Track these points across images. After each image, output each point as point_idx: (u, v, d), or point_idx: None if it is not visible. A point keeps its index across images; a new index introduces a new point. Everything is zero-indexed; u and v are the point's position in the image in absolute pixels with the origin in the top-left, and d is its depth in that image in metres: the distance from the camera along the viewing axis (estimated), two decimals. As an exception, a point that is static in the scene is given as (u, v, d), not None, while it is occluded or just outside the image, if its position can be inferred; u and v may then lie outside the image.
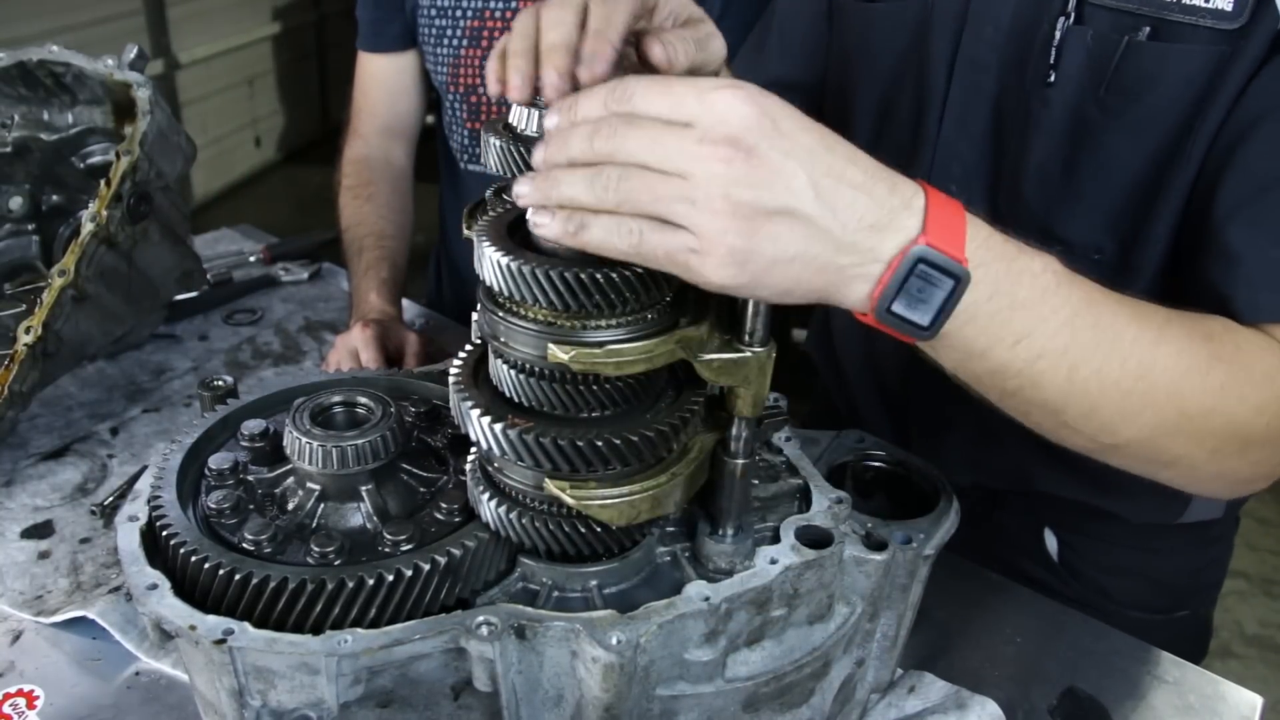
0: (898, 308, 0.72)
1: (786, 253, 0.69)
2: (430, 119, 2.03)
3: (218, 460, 0.91)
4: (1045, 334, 0.78)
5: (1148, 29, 1.02)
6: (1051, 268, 0.78)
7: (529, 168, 0.92)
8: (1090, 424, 0.84)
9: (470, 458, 0.88)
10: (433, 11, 1.82)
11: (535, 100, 0.93)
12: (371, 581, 0.77)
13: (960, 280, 0.72)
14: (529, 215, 0.75)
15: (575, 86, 0.78)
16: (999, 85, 1.16)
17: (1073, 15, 1.06)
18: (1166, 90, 1.02)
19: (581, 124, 0.72)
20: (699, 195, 0.67)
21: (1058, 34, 1.07)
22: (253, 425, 0.95)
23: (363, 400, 0.94)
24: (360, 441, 0.87)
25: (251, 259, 2.05)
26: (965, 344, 0.77)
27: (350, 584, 0.77)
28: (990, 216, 1.19)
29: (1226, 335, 0.89)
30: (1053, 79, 1.09)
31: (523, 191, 0.74)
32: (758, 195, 0.67)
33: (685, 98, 0.68)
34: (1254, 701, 1.12)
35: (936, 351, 0.79)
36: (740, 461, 0.84)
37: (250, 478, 0.92)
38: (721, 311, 0.82)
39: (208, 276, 1.79)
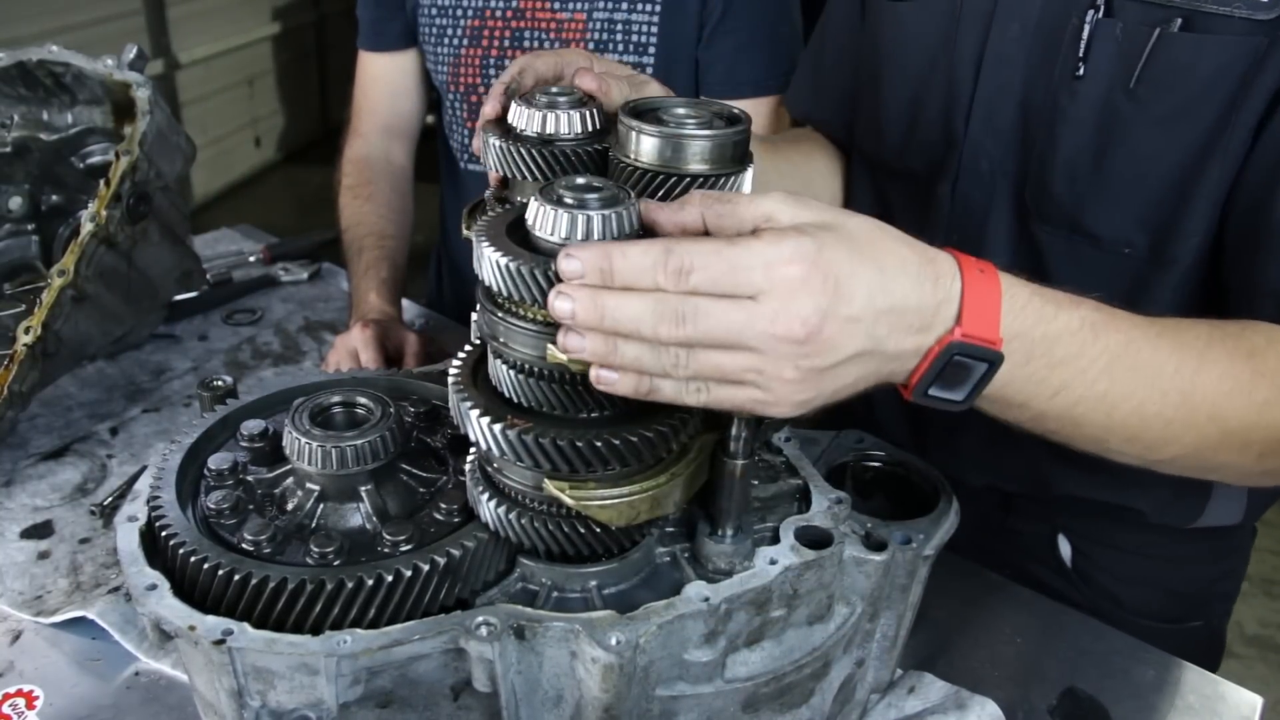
0: (934, 391, 0.77)
1: (848, 381, 0.74)
2: (430, 118, 2.03)
3: (217, 460, 0.91)
4: (1083, 384, 0.81)
5: (1180, 20, 1.01)
6: (1089, 320, 0.81)
7: (529, 167, 0.92)
8: (1134, 447, 0.88)
9: (470, 458, 0.88)
10: (433, 11, 1.82)
11: (552, 100, 0.94)
12: (371, 582, 0.77)
13: (994, 363, 0.76)
14: (594, 373, 0.72)
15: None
16: (1025, 81, 1.16)
17: (1102, 8, 1.06)
18: (1200, 82, 1.02)
19: (628, 289, 0.70)
20: (768, 368, 0.70)
21: (1087, 27, 1.07)
22: (252, 425, 0.95)
23: (362, 400, 0.94)
24: (360, 442, 0.87)
25: (251, 259, 2.05)
26: (1003, 400, 0.81)
27: (350, 584, 0.77)
28: (1018, 212, 1.20)
29: (1271, 350, 0.90)
30: (1082, 72, 1.08)
31: (577, 347, 0.71)
32: (824, 359, 0.71)
33: (751, 272, 0.68)
34: (1254, 701, 1.12)
35: (974, 405, 0.81)
36: (740, 462, 0.84)
37: (250, 478, 0.92)
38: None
39: (207, 276, 1.79)
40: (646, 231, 0.76)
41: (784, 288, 0.68)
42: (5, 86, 1.48)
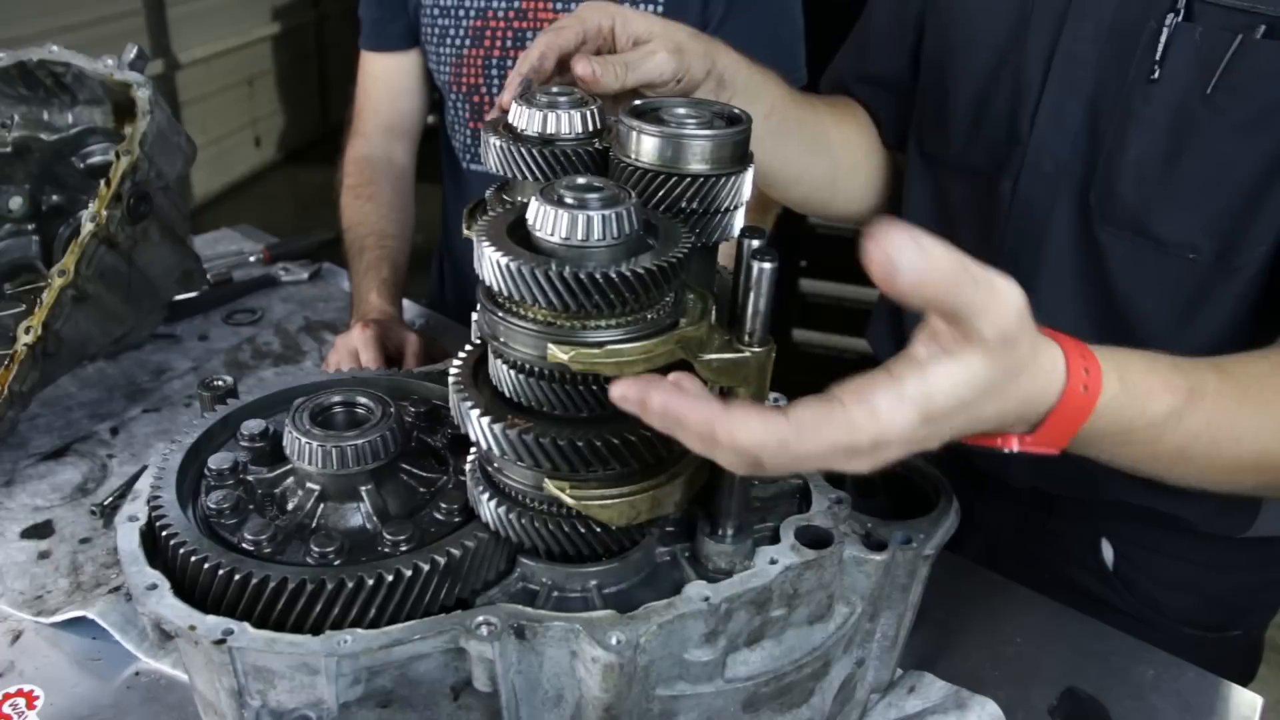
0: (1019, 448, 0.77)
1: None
2: (432, 118, 2.03)
3: (218, 460, 0.91)
4: (1156, 462, 0.84)
5: (1263, 27, 1.00)
6: (1173, 409, 0.81)
7: (529, 167, 0.92)
8: (1213, 483, 0.90)
9: (470, 458, 0.88)
10: (435, 11, 1.82)
11: (552, 100, 0.93)
12: (371, 581, 0.77)
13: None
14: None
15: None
16: (1096, 82, 1.14)
17: (1182, 12, 1.04)
18: None
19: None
20: (845, 467, 0.70)
21: (1165, 30, 1.05)
22: (253, 425, 0.95)
23: (363, 400, 0.94)
24: (360, 441, 0.87)
25: (251, 259, 2.05)
26: (1085, 451, 0.81)
27: (350, 584, 0.77)
28: (1081, 213, 1.20)
29: None
30: (1157, 75, 1.07)
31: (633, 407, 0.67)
32: (896, 455, 0.70)
33: (857, 453, 0.67)
34: (1254, 701, 1.12)
35: None
36: (740, 462, 0.84)
37: (250, 478, 0.92)
38: (721, 312, 0.82)
39: (208, 276, 1.79)
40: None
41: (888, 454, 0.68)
42: (5, 86, 1.48)
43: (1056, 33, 1.16)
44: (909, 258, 0.59)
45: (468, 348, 0.88)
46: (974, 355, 0.65)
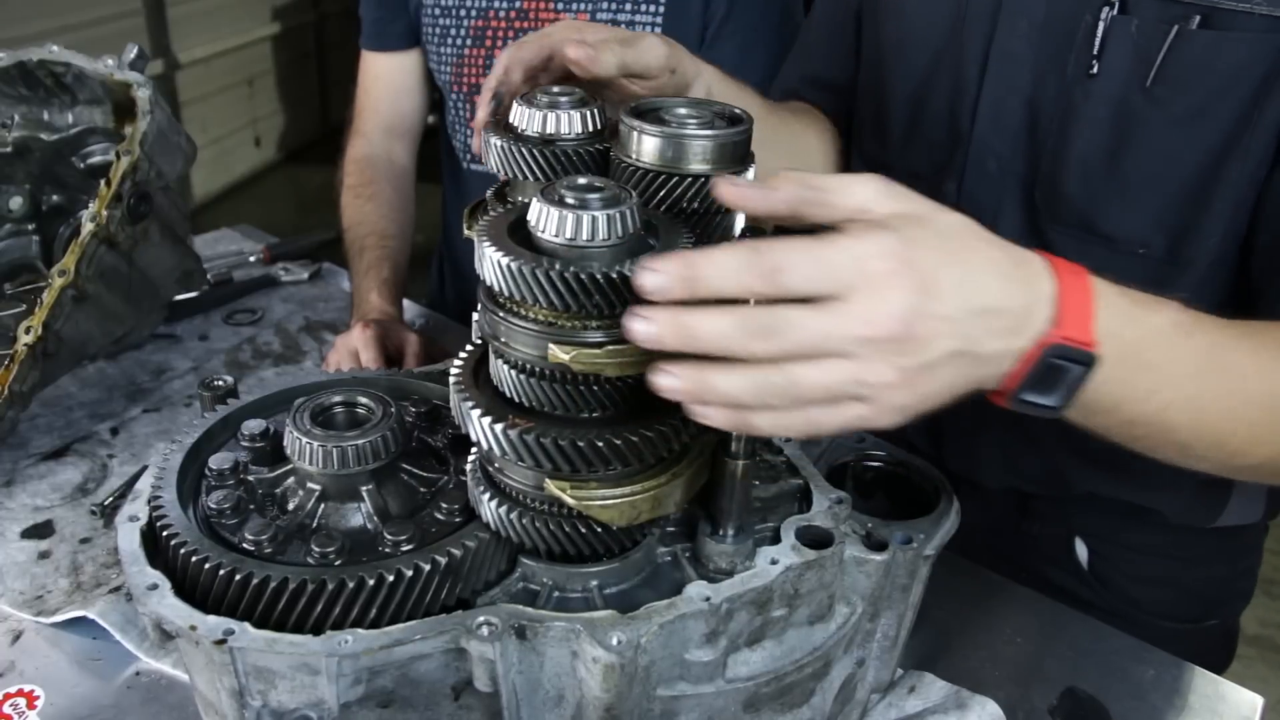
0: (1028, 395, 0.74)
1: (945, 385, 0.71)
2: (433, 118, 2.03)
3: (218, 460, 0.91)
4: (1173, 387, 0.80)
5: (1198, 17, 1.00)
6: (1176, 321, 0.80)
7: (530, 168, 0.92)
8: (1219, 453, 0.86)
9: (471, 458, 0.88)
10: (436, 11, 1.82)
11: (553, 100, 0.93)
12: (372, 581, 0.77)
13: (1090, 365, 0.73)
14: (689, 407, 0.70)
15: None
16: (1034, 79, 1.14)
17: (1117, 5, 1.04)
18: (1219, 81, 1.00)
19: (715, 295, 0.67)
20: (868, 375, 0.68)
21: (1101, 24, 1.05)
22: (253, 425, 0.95)
23: (363, 400, 0.94)
24: (360, 441, 0.87)
25: (251, 259, 2.05)
26: (1095, 405, 0.78)
27: (350, 584, 0.77)
28: (1027, 213, 1.19)
29: None
30: (1095, 70, 1.07)
31: (670, 387, 0.69)
32: (922, 359, 0.68)
33: (841, 269, 0.66)
34: (1254, 701, 1.12)
35: (1061, 412, 0.79)
36: (741, 462, 0.84)
37: (250, 478, 0.92)
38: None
39: (208, 276, 1.79)
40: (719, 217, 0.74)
41: (874, 284, 0.66)
42: (6, 86, 1.48)
43: (991, 30, 1.16)
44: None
45: (468, 348, 0.88)
46: (859, 227, 0.69)
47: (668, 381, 0.69)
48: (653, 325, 0.67)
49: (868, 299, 0.66)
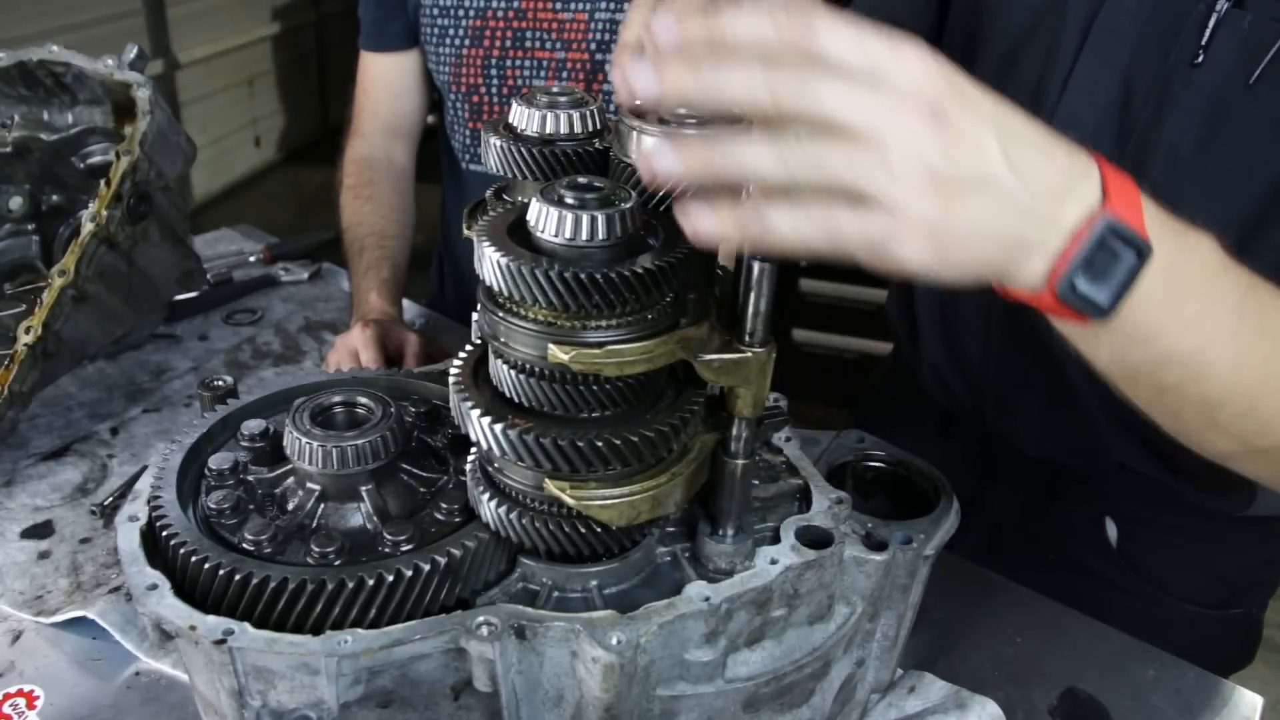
0: (1080, 285, 0.67)
1: (980, 226, 0.65)
2: (432, 119, 2.03)
3: (218, 460, 0.91)
4: (1214, 319, 0.74)
5: None
6: (1217, 250, 0.75)
7: (529, 167, 0.92)
8: (1246, 423, 0.79)
9: (470, 458, 0.88)
10: (435, 11, 1.82)
11: (552, 100, 0.93)
12: (371, 582, 0.77)
13: (1144, 253, 0.68)
14: (683, 212, 0.62)
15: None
16: (1133, 58, 1.12)
17: None
18: None
19: (737, 49, 0.60)
20: (898, 166, 0.61)
21: (1215, 15, 1.03)
22: (253, 425, 0.95)
23: (363, 400, 0.94)
24: (360, 441, 0.87)
25: (251, 259, 2.05)
26: (1135, 328, 0.72)
27: (350, 584, 0.77)
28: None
29: None
30: (1200, 60, 1.05)
31: (685, 157, 0.61)
32: (956, 164, 0.63)
33: (878, 48, 0.61)
34: (1254, 701, 1.12)
35: (1098, 340, 0.74)
36: (740, 462, 0.84)
37: (250, 478, 0.92)
38: (722, 312, 0.82)
39: (208, 276, 1.79)
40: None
41: (913, 69, 0.61)
42: (5, 86, 1.48)
43: (1099, 2, 1.13)
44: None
45: (468, 348, 0.88)
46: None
47: (682, 153, 0.62)
48: (647, 72, 0.60)
49: (905, 77, 0.61)
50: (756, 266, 0.75)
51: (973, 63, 1.28)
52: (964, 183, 0.63)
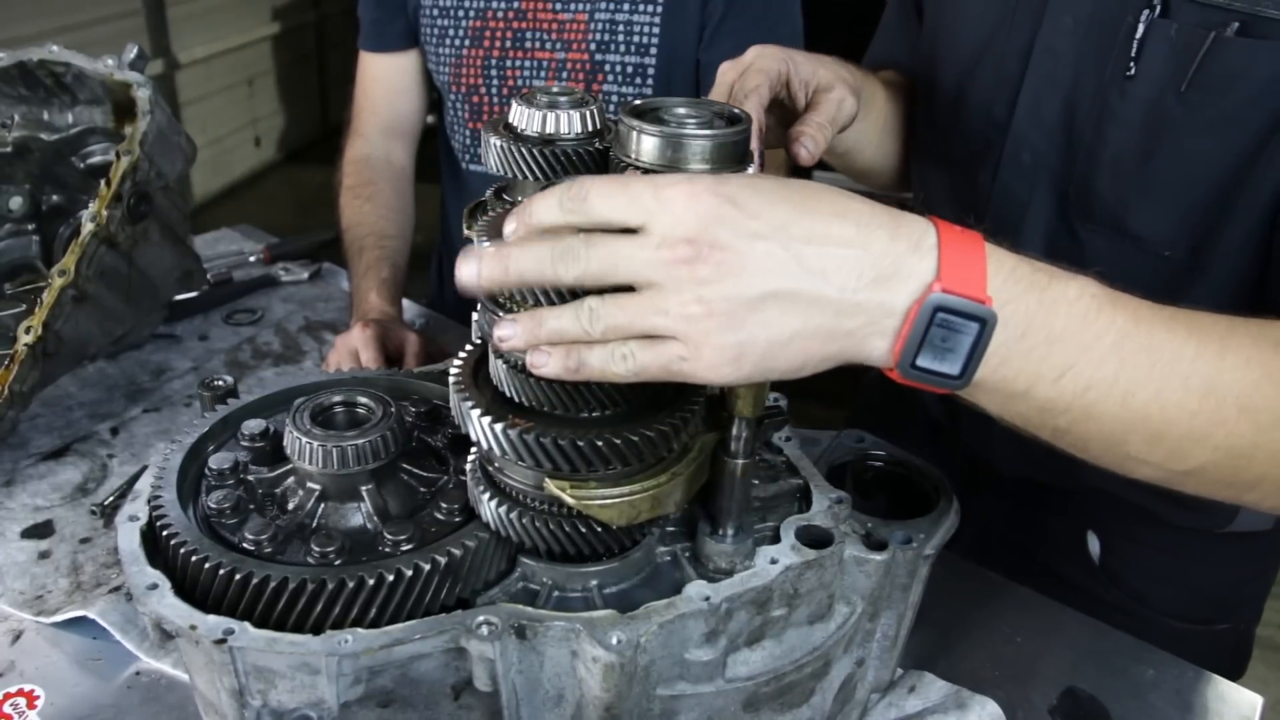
0: (923, 361, 0.69)
1: (783, 334, 0.67)
2: (431, 119, 2.03)
3: (218, 460, 0.91)
4: (1091, 363, 0.72)
5: (1236, 24, 0.99)
6: (1089, 291, 0.73)
7: (529, 167, 0.92)
8: (1157, 451, 0.77)
9: (470, 458, 0.88)
10: (435, 11, 1.82)
11: (552, 100, 0.93)
12: (372, 581, 0.77)
13: (986, 322, 0.68)
14: (528, 359, 0.73)
15: None
16: (1074, 76, 1.14)
17: (1158, 8, 1.04)
18: (1252, 88, 1.00)
19: (540, 233, 0.71)
20: (670, 304, 0.66)
21: (1141, 26, 1.05)
22: (253, 425, 0.95)
23: (363, 400, 0.94)
24: (360, 441, 0.87)
25: (251, 259, 2.05)
26: (1004, 386, 0.72)
27: (350, 584, 0.77)
28: (1059, 208, 1.20)
29: None
30: (1133, 72, 1.07)
31: (508, 335, 0.72)
32: (731, 288, 0.65)
33: (641, 195, 0.67)
34: (1254, 701, 1.12)
35: (975, 397, 0.74)
36: (740, 462, 0.84)
37: (250, 478, 0.92)
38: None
39: (208, 276, 1.79)
40: None
41: (675, 209, 0.65)
42: (6, 86, 1.48)
43: (1037, 24, 1.16)
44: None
45: (468, 348, 0.88)
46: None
47: (507, 330, 0.72)
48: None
49: (667, 220, 0.66)
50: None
51: (934, 93, 1.32)
52: (747, 302, 0.66)
